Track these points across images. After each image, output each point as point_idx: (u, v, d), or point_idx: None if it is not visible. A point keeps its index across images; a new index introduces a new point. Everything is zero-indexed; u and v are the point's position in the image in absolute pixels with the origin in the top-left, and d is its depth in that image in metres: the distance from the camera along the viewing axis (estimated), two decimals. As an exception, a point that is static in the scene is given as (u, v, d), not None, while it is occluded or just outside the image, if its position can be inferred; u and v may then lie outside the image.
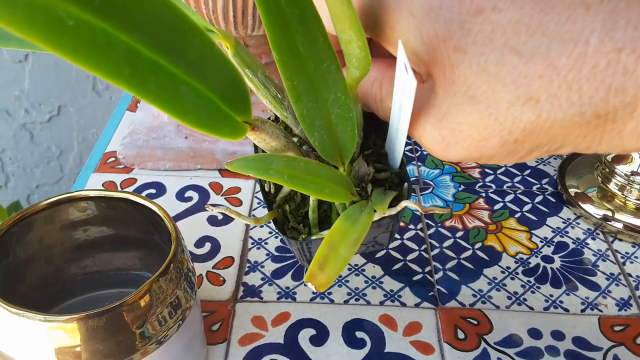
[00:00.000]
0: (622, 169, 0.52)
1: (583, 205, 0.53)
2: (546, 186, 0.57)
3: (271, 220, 0.32)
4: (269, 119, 0.29)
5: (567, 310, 0.45)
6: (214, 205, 0.47)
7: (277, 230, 0.30)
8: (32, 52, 1.04)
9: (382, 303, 0.45)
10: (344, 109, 0.27)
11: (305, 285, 0.46)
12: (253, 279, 0.47)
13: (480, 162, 0.26)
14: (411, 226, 0.52)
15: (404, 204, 0.28)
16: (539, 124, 0.23)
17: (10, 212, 0.81)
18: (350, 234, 0.26)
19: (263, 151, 0.30)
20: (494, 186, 0.56)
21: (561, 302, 0.45)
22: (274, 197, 0.33)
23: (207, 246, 0.50)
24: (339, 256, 0.25)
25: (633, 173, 0.52)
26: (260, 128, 0.26)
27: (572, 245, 0.50)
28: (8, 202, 1.07)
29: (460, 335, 0.42)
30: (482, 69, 0.23)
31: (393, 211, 0.28)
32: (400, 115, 0.27)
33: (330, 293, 0.46)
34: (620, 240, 0.51)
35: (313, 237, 0.31)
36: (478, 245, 0.50)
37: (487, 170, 0.58)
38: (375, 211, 0.28)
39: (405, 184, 0.31)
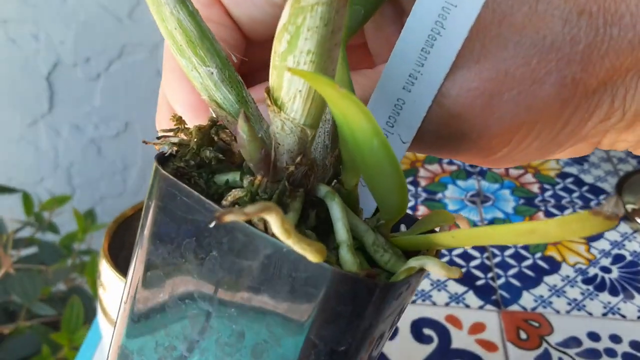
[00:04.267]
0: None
1: (640, 221, 0.55)
2: (604, 202, 0.59)
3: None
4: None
5: (624, 316, 0.47)
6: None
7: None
8: (104, 71, 1.11)
9: (447, 304, 0.48)
10: None
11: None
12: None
13: (524, 131, 0.21)
14: (473, 235, 0.55)
15: (428, 264, 0.18)
16: (597, 45, 0.19)
17: (87, 219, 0.87)
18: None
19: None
20: (552, 201, 0.59)
21: (619, 309, 0.47)
22: None
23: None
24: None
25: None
26: None
27: (629, 258, 0.53)
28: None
29: (523, 335, 0.45)
30: None
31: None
32: (422, 73, 0.21)
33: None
34: (677, 255, 0.53)
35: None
36: (538, 255, 0.52)
37: (545, 185, 0.61)
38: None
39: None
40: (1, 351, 0.74)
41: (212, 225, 0.18)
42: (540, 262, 0.52)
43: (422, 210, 0.57)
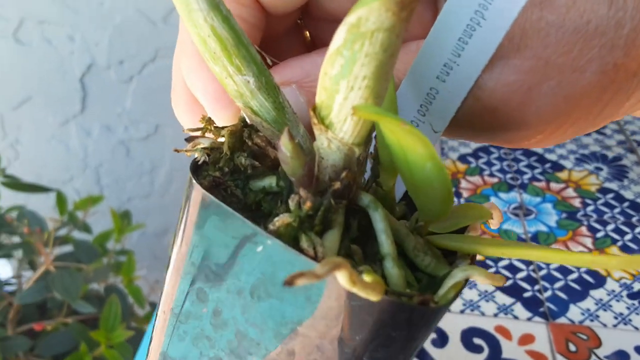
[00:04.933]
0: None
1: (682, 238, 0.56)
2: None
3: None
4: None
5: (671, 332, 0.48)
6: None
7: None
8: (137, 74, 1.13)
9: (495, 315, 0.49)
10: None
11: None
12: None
13: (561, 120, 0.20)
14: (518, 248, 0.56)
15: (474, 275, 0.18)
16: None
17: (123, 219, 0.88)
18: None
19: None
20: (595, 215, 0.60)
21: (666, 325, 0.48)
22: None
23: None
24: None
25: None
26: None
27: (673, 274, 0.53)
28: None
29: (572, 347, 0.46)
30: None
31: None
32: (459, 64, 0.19)
33: (447, 303, 0.50)
34: None
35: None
36: (583, 269, 0.53)
37: (587, 200, 0.62)
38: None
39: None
40: (39, 347, 0.75)
41: (283, 285, 0.16)
42: (586, 276, 0.53)
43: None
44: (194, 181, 0.19)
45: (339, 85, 0.16)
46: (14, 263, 1.09)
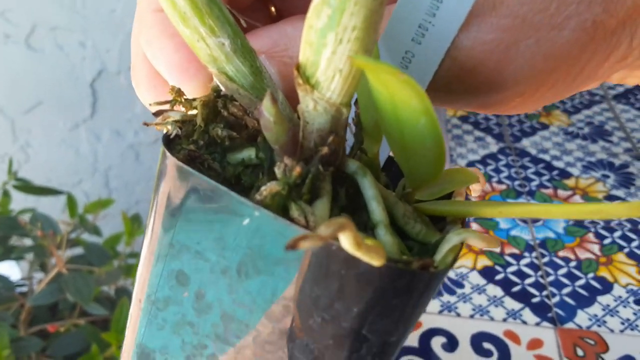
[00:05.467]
0: None
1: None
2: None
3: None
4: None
5: (678, 338, 0.48)
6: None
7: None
8: (147, 79, 1.14)
9: (504, 320, 0.50)
10: None
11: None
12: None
13: (539, 81, 0.19)
14: (526, 254, 0.56)
15: (470, 238, 0.18)
16: None
17: (134, 222, 0.89)
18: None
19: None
20: (602, 222, 0.60)
21: (672, 331, 0.49)
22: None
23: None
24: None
25: None
26: None
27: (679, 281, 0.54)
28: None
29: (580, 352, 0.47)
30: None
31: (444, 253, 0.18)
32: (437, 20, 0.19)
33: (456, 307, 0.51)
34: None
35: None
36: (591, 275, 0.54)
37: (594, 208, 0.63)
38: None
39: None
40: (51, 348, 0.76)
41: (285, 250, 0.15)
42: (593, 282, 0.53)
43: (474, 227, 0.59)
44: (167, 154, 0.17)
45: (326, 39, 0.15)
46: (23, 265, 1.10)
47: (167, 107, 0.19)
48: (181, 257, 0.18)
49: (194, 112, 0.19)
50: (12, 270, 1.12)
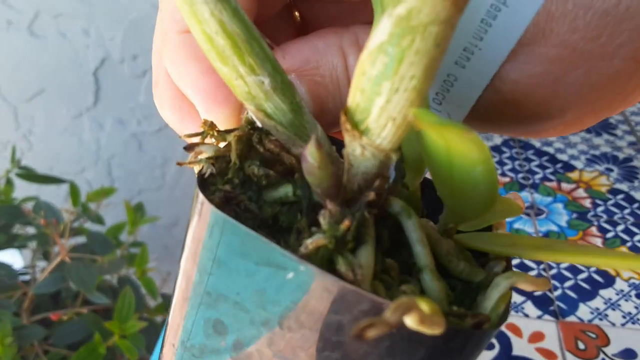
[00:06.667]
0: None
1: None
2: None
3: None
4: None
5: (680, 333, 0.48)
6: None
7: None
8: (150, 68, 1.14)
9: (506, 312, 0.50)
10: None
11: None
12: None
13: (583, 110, 0.18)
14: (528, 247, 0.57)
15: (520, 282, 0.17)
16: None
17: (137, 211, 0.89)
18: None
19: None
20: (605, 216, 0.60)
21: (674, 325, 0.49)
22: None
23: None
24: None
25: None
26: None
27: (681, 276, 0.54)
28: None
29: (581, 346, 0.47)
30: None
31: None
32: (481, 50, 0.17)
33: (458, 299, 0.51)
34: None
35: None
36: (593, 268, 0.54)
37: (597, 201, 0.62)
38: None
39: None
40: (54, 336, 0.77)
41: (353, 338, 0.15)
42: (595, 276, 0.53)
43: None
44: (204, 198, 0.16)
45: (381, 87, 0.14)
46: (26, 253, 1.11)
47: (198, 139, 0.18)
48: (218, 307, 0.17)
49: (226, 145, 0.18)
50: (14, 258, 1.12)
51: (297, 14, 0.25)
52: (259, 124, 0.18)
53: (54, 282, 0.75)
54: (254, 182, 0.18)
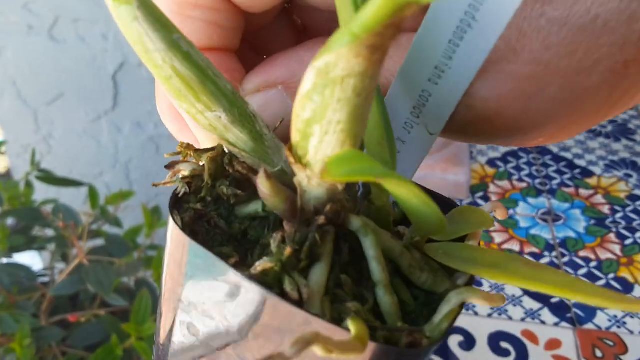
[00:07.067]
0: None
1: None
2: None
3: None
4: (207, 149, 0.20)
5: (700, 342, 0.48)
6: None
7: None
8: (168, 72, 1.14)
9: (523, 320, 0.49)
10: None
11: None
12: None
13: (562, 123, 0.18)
14: (546, 253, 0.56)
15: (471, 298, 0.17)
16: None
17: (154, 214, 0.90)
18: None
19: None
20: (623, 222, 0.60)
21: (694, 334, 0.48)
22: None
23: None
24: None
25: None
26: None
27: (702, 284, 0.54)
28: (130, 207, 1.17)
29: (598, 354, 0.46)
30: None
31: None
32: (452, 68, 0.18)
33: (474, 306, 0.50)
34: None
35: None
36: (611, 275, 0.54)
37: (616, 207, 0.62)
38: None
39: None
40: (72, 338, 0.77)
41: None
42: (613, 283, 0.53)
43: (495, 226, 0.59)
44: (171, 220, 0.18)
45: (313, 129, 0.15)
46: (45, 255, 1.12)
47: (180, 157, 0.20)
48: (190, 312, 0.19)
49: (203, 165, 0.19)
50: (33, 260, 1.14)
51: (297, 19, 0.25)
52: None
53: (72, 284, 0.76)
54: (225, 201, 0.19)
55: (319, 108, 0.14)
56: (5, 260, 0.84)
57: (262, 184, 0.17)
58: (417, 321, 0.17)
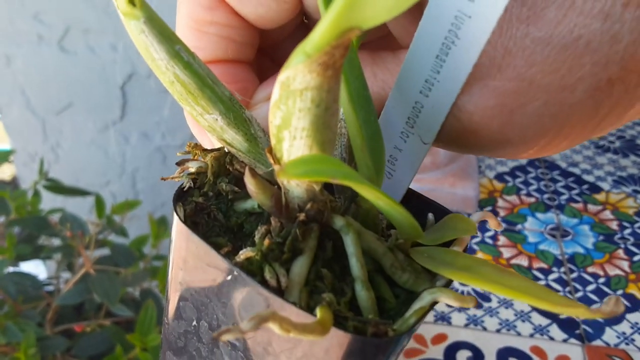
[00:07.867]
0: None
1: None
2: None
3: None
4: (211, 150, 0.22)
5: None
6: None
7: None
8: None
9: (531, 335, 0.49)
10: None
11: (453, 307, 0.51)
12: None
13: (550, 136, 0.19)
14: (554, 269, 0.56)
15: (442, 297, 0.19)
16: None
17: (160, 224, 0.90)
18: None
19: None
20: (632, 239, 0.59)
21: None
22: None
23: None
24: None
25: None
26: None
27: None
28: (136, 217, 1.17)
29: (608, 371, 0.46)
30: None
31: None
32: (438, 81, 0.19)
33: (482, 321, 0.50)
34: None
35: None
36: (620, 292, 0.53)
37: (624, 223, 0.62)
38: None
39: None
40: (76, 347, 0.77)
41: (212, 339, 0.19)
42: (622, 299, 0.53)
43: (502, 240, 0.59)
44: (174, 209, 0.20)
45: (283, 134, 0.17)
46: (50, 264, 1.12)
47: (190, 156, 0.22)
48: (189, 294, 0.21)
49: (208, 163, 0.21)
50: (38, 269, 1.14)
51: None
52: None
53: (77, 294, 0.76)
54: (225, 196, 0.21)
55: (285, 116, 0.16)
56: (11, 269, 0.84)
57: (248, 181, 0.18)
58: (396, 317, 0.19)
